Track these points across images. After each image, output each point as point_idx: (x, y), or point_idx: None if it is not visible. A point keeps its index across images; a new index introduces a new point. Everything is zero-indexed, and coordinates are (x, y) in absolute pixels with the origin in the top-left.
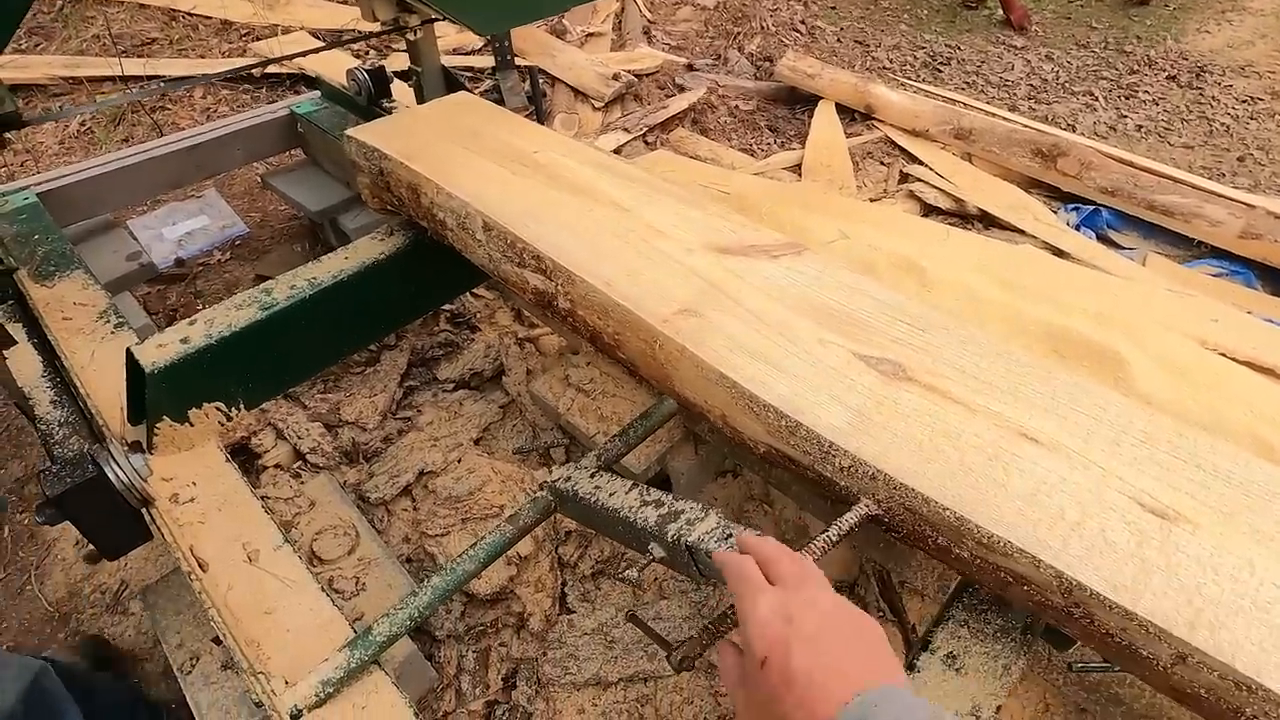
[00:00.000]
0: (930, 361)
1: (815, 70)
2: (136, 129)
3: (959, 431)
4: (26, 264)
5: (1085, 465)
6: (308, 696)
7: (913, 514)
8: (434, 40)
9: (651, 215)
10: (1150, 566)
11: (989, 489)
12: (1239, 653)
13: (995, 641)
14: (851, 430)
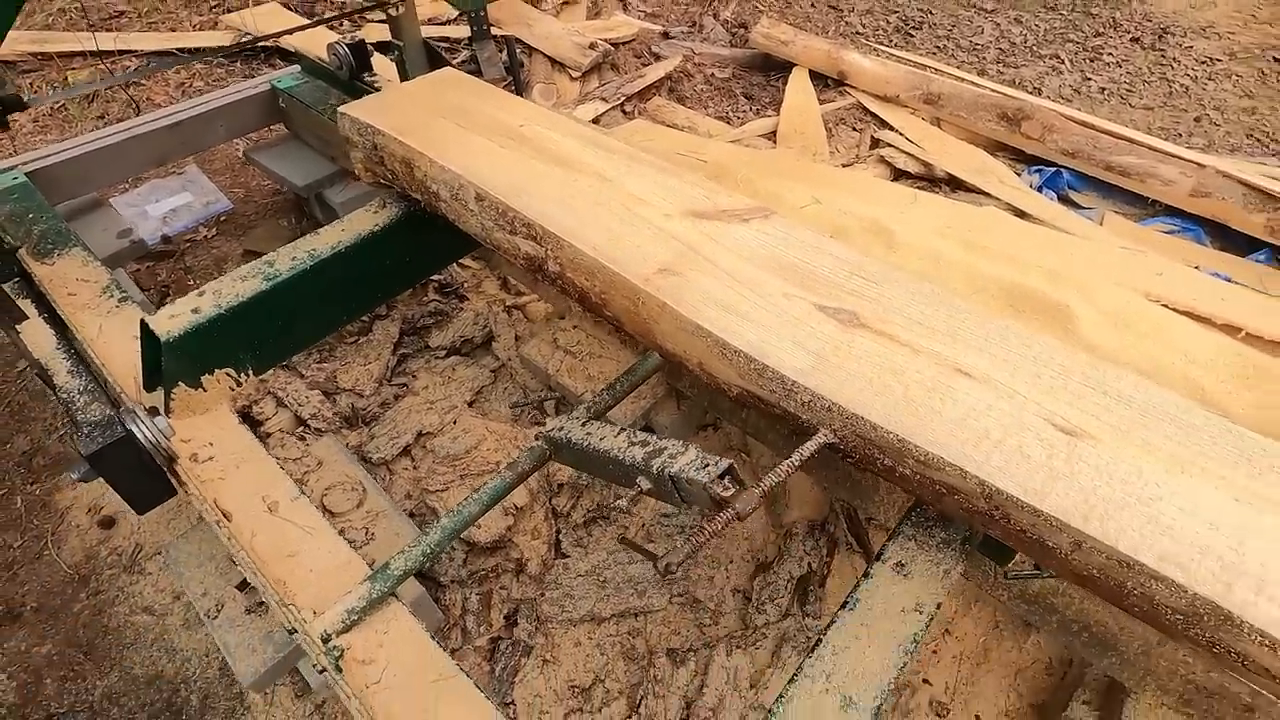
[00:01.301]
0: (881, 310)
1: (789, 37)
2: (111, 105)
3: (904, 369)
4: (24, 243)
5: (1009, 394)
6: (335, 623)
7: (863, 440)
8: (415, 15)
9: (632, 184)
10: (1057, 474)
11: (927, 416)
12: (1122, 538)
13: (937, 551)
14: (811, 370)
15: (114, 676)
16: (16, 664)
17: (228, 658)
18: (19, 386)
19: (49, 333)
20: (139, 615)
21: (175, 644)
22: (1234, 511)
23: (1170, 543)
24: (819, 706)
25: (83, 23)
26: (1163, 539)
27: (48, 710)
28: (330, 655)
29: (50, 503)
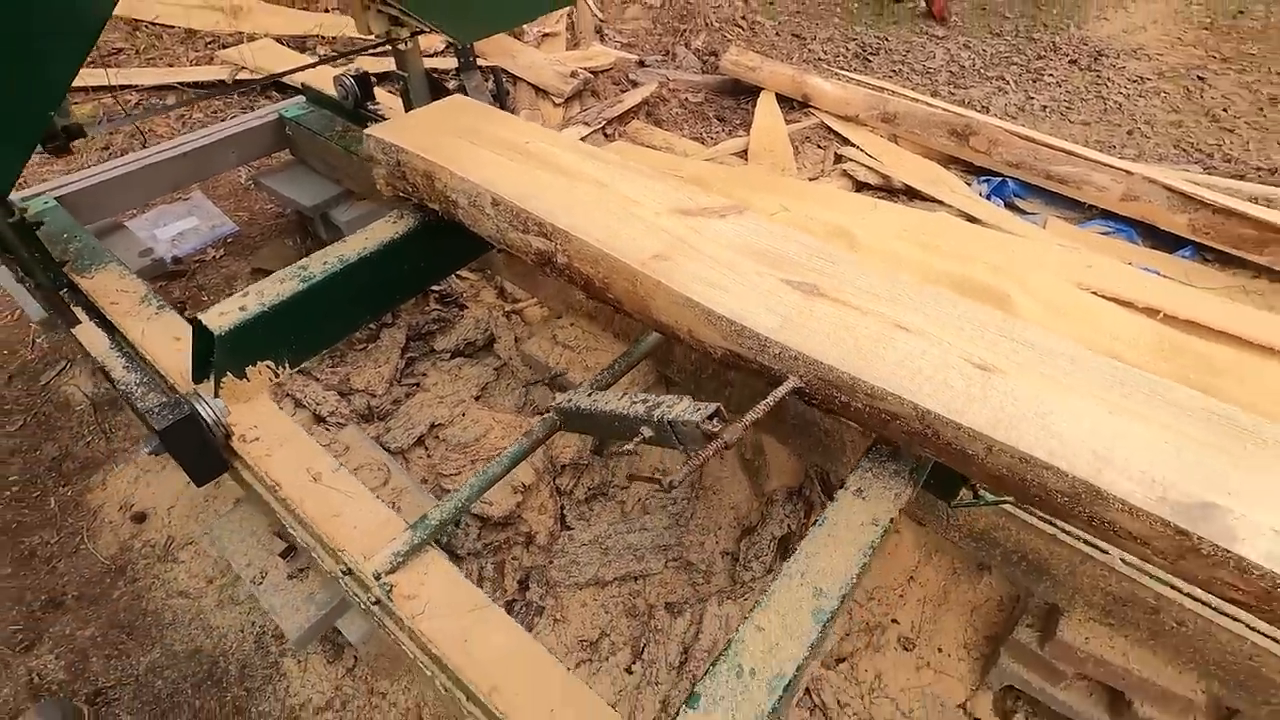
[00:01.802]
0: (836, 283)
1: (756, 64)
2: (115, 138)
3: (854, 326)
4: (68, 260)
5: (938, 342)
6: (384, 564)
7: (824, 382)
8: (419, 53)
9: (625, 188)
10: (973, 398)
11: (873, 360)
12: (1022, 441)
13: (890, 479)
14: (780, 329)
15: (156, 653)
16: (63, 646)
17: (274, 617)
18: (44, 399)
19: (102, 335)
20: (175, 599)
21: (211, 622)
22: (1107, 421)
23: (1058, 443)
24: (796, 595)
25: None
26: (1052, 440)
27: (95, 685)
28: (382, 589)
29: (82, 502)
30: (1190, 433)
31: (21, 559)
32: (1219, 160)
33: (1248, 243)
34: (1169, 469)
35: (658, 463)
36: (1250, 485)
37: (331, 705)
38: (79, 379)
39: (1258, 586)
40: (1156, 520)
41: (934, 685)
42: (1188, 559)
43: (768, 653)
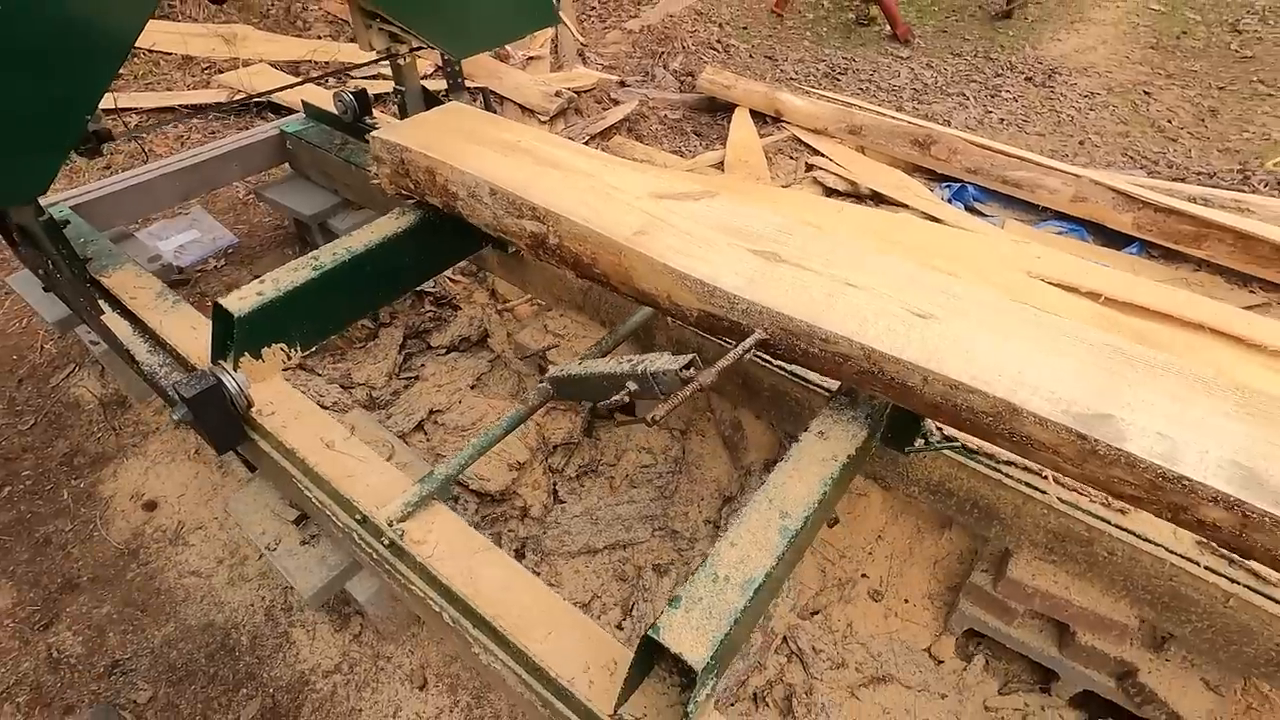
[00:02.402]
0: (796, 251)
1: (731, 82)
2: (116, 157)
3: (810, 284)
4: (89, 259)
5: (881, 295)
6: (396, 513)
7: (785, 331)
8: (416, 68)
9: (609, 177)
10: (911, 339)
11: (826, 311)
12: (951, 370)
13: (849, 423)
14: (746, 287)
15: (170, 627)
16: (80, 623)
17: (289, 579)
18: (54, 400)
19: (125, 324)
20: (188, 578)
21: (222, 598)
22: (1024, 354)
23: (981, 371)
24: (765, 516)
25: None
26: (975, 368)
27: (113, 658)
28: (395, 533)
29: (94, 493)
30: (1091, 361)
31: (37, 546)
32: (1163, 166)
33: (1186, 238)
34: (1073, 389)
35: (644, 441)
36: (1136, 398)
37: (339, 669)
38: (87, 381)
39: (1144, 479)
40: (1062, 429)
41: (901, 632)
42: (1089, 462)
43: (740, 563)
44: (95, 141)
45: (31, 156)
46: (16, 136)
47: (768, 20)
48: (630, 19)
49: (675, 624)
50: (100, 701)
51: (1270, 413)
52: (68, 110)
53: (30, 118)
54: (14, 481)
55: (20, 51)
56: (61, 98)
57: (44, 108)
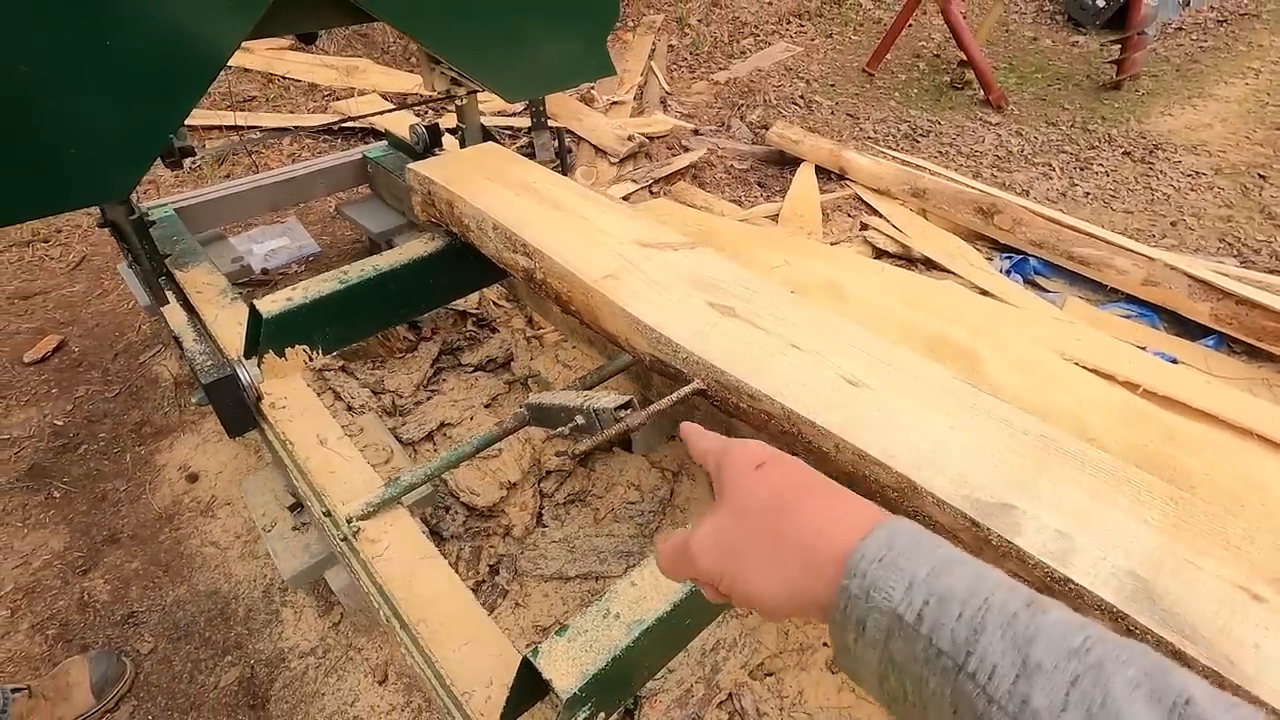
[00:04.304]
0: (753, 308)
1: (799, 137)
2: (236, 168)
3: (754, 341)
4: (170, 255)
5: (821, 360)
6: (357, 510)
7: (719, 384)
8: (476, 106)
9: (602, 223)
10: (834, 404)
11: (761, 369)
12: (861, 440)
13: None
14: (691, 338)
15: (183, 589)
16: (112, 574)
17: (275, 559)
18: (139, 375)
19: (183, 314)
20: (207, 547)
21: (232, 571)
22: (944, 432)
23: (892, 444)
24: None
25: (224, 103)
26: (887, 441)
27: (130, 609)
28: (350, 529)
29: (152, 461)
30: (1014, 447)
31: (95, 500)
32: (1265, 256)
33: (1270, 335)
34: (983, 474)
35: (634, 478)
36: (1049, 492)
37: (315, 652)
38: (168, 361)
39: (1034, 576)
40: (959, 514)
41: (854, 709)
42: (985, 551)
43: (634, 603)
44: (178, 156)
45: (120, 164)
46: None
47: (857, 79)
48: (719, 71)
49: (555, 652)
50: (110, 646)
51: (1197, 526)
52: (153, 127)
53: (120, 131)
54: (91, 441)
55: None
56: (148, 116)
57: (133, 123)
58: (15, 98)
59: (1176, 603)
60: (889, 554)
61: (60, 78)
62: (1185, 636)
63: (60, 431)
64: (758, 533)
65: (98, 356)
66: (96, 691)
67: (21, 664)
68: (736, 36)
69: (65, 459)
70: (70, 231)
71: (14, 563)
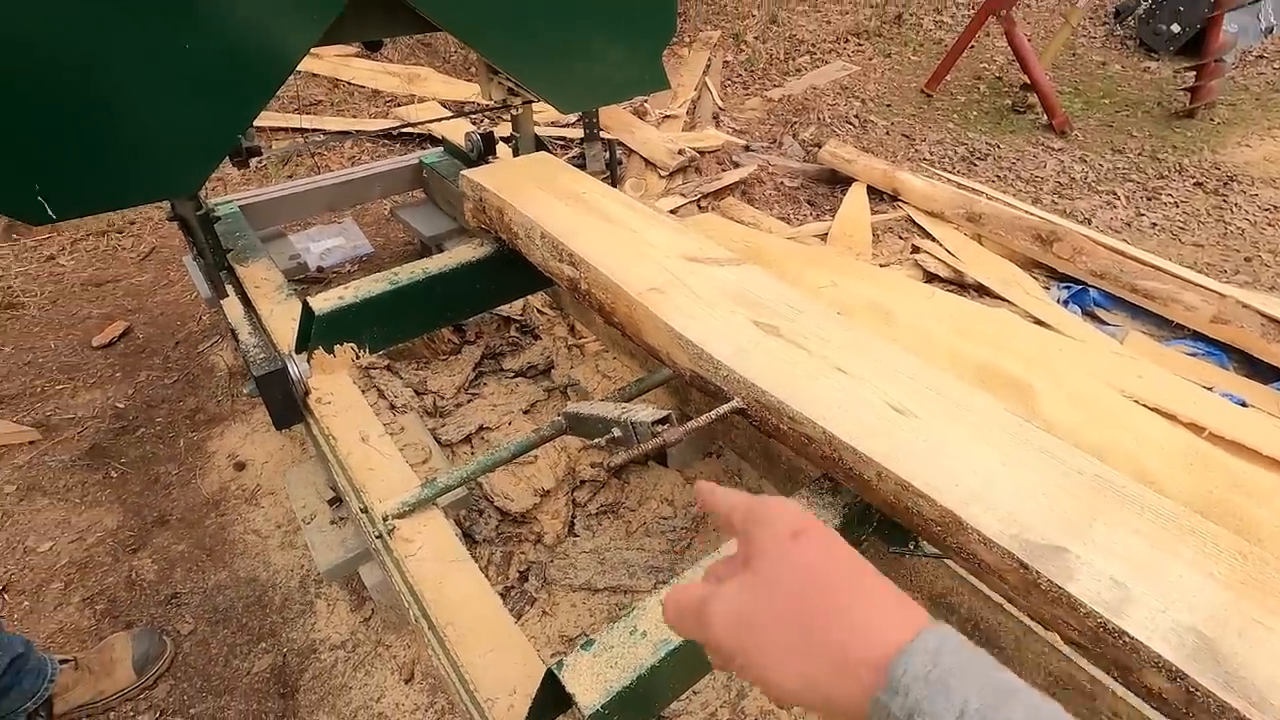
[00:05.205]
0: (798, 328)
1: (852, 157)
2: (299, 169)
3: (798, 362)
4: (232, 250)
5: (866, 384)
6: (393, 509)
7: (759, 404)
8: (531, 116)
9: (649, 235)
10: (878, 431)
11: (803, 390)
12: (905, 469)
13: (824, 509)
14: (733, 356)
15: (224, 574)
16: (159, 554)
17: (311, 551)
18: (196, 364)
19: (240, 307)
20: (250, 535)
21: (271, 559)
22: (993, 466)
23: (937, 476)
24: None
25: (291, 106)
26: (932, 473)
27: (174, 590)
28: (386, 527)
29: (203, 447)
30: (1068, 487)
31: (149, 482)
32: None
33: None
34: (1034, 513)
35: (668, 493)
36: (1104, 537)
37: (345, 645)
38: (224, 351)
39: (1086, 626)
40: (1006, 554)
41: None
42: (1032, 594)
43: (662, 622)
44: (245, 155)
45: (189, 160)
46: (182, 143)
47: (914, 99)
48: (774, 88)
49: (580, 665)
50: (153, 625)
51: (1268, 583)
52: (223, 127)
53: (193, 129)
54: (149, 425)
55: (192, 77)
56: (219, 116)
57: (205, 123)
58: (99, 96)
59: (1243, 665)
60: (935, 670)
61: (141, 77)
62: (1252, 703)
63: (121, 414)
64: (786, 614)
65: (160, 344)
66: (138, 668)
67: (70, 636)
68: (793, 54)
69: (123, 440)
70: (143, 224)
71: (70, 537)
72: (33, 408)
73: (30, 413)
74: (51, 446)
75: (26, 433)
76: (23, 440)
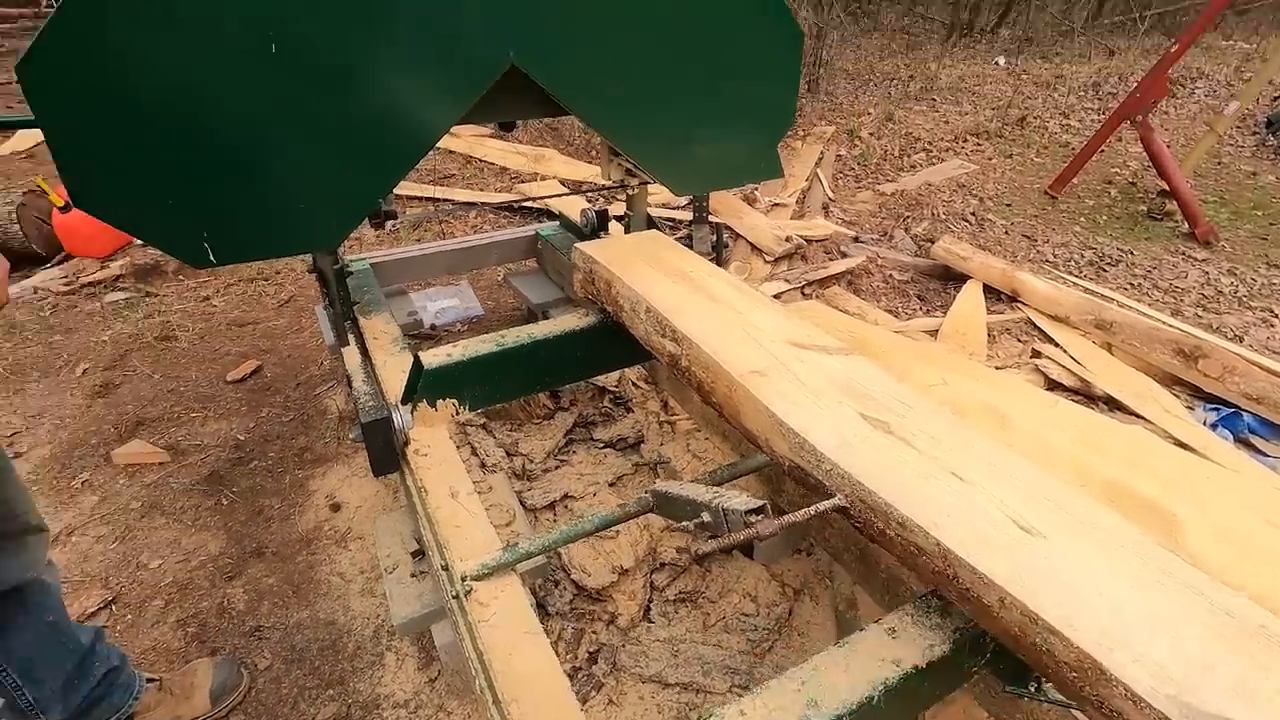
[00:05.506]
0: (909, 425)
1: (968, 254)
2: (426, 234)
3: (908, 462)
4: (358, 303)
5: (984, 493)
6: (473, 570)
7: (864, 504)
8: (645, 196)
9: (755, 317)
10: (999, 548)
11: (914, 493)
12: (1034, 599)
13: (930, 631)
14: (837, 449)
15: (305, 613)
16: (251, 585)
17: (390, 602)
18: (312, 405)
19: (358, 356)
20: (334, 577)
21: (350, 604)
22: (1136, 603)
23: (1073, 611)
24: (789, 699)
25: (427, 178)
26: (1067, 607)
27: (258, 623)
28: (464, 587)
29: (306, 485)
30: (1230, 638)
31: (253, 513)
32: None
33: None
34: (1191, 667)
35: (751, 588)
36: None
37: (407, 705)
38: (337, 396)
39: None
40: (1160, 716)
41: None
42: None
43: None
44: (383, 218)
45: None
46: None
47: (1037, 200)
48: (886, 183)
49: None
50: (234, 655)
51: None
52: (368, 191)
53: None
54: (261, 458)
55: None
56: (366, 181)
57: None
58: (266, 157)
59: None
60: None
61: (304, 142)
62: None
63: (240, 445)
64: None
65: (283, 383)
66: (214, 697)
67: (160, 655)
68: (908, 151)
69: (238, 470)
70: (286, 274)
71: (177, 557)
72: (167, 431)
73: (165, 436)
74: (177, 469)
75: (158, 454)
76: (154, 461)
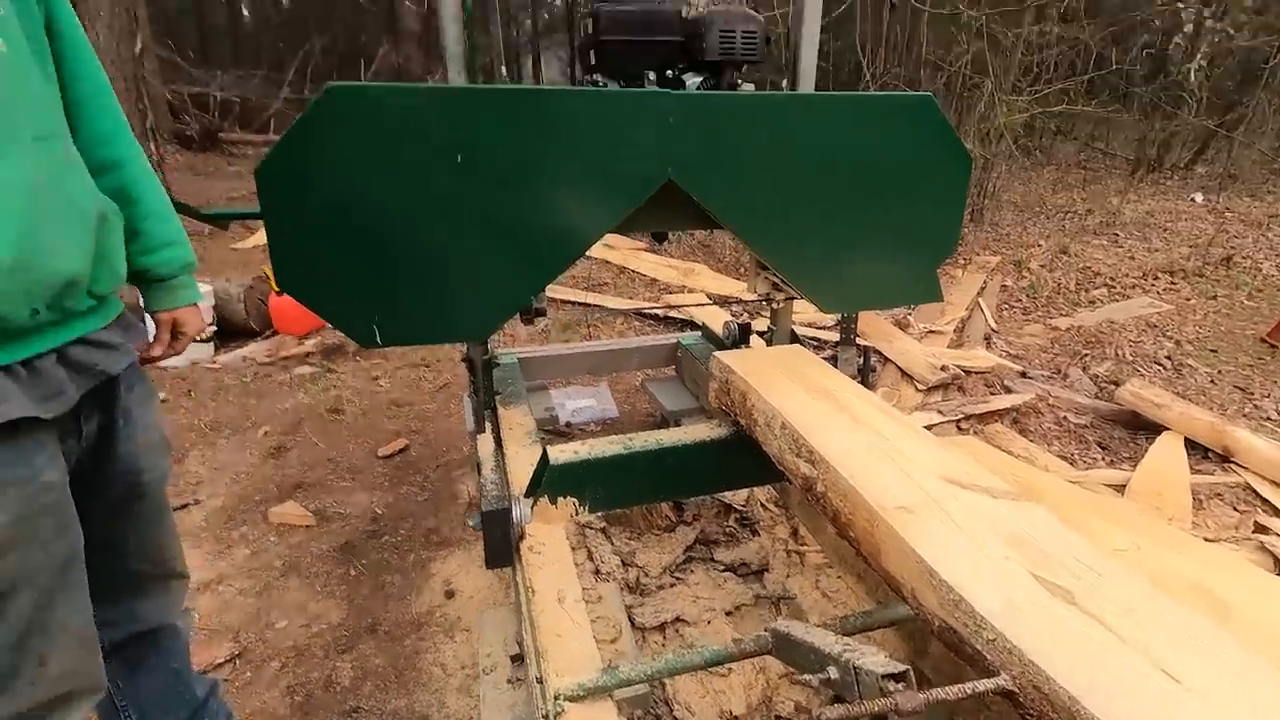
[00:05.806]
0: (1098, 597)
1: (1165, 401)
2: (574, 335)
3: (1100, 648)
4: (500, 393)
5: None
6: (567, 688)
7: (1039, 692)
8: (790, 312)
9: (904, 445)
10: None
11: (1111, 692)
12: None
13: None
14: (1003, 614)
15: (402, 702)
16: (359, 662)
17: (481, 706)
18: (446, 488)
19: (492, 444)
20: (436, 668)
21: (446, 701)
22: None
23: None
24: None
25: (581, 285)
26: None
27: (358, 704)
28: (555, 707)
29: (427, 567)
30: None
31: (375, 588)
32: None
33: None
34: None
35: None
36: None
37: None
38: (469, 482)
39: None
40: None
41: None
42: None
43: None
44: (534, 315)
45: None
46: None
47: (1251, 348)
48: (1060, 316)
49: None
50: None
51: None
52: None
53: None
54: (392, 534)
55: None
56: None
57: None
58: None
59: None
60: None
61: (468, 238)
62: None
63: (377, 519)
64: None
65: (425, 464)
66: None
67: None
68: (1085, 285)
69: (370, 544)
70: (445, 362)
71: (301, 621)
72: (318, 497)
73: (316, 501)
74: (319, 534)
75: (306, 517)
76: (302, 523)
